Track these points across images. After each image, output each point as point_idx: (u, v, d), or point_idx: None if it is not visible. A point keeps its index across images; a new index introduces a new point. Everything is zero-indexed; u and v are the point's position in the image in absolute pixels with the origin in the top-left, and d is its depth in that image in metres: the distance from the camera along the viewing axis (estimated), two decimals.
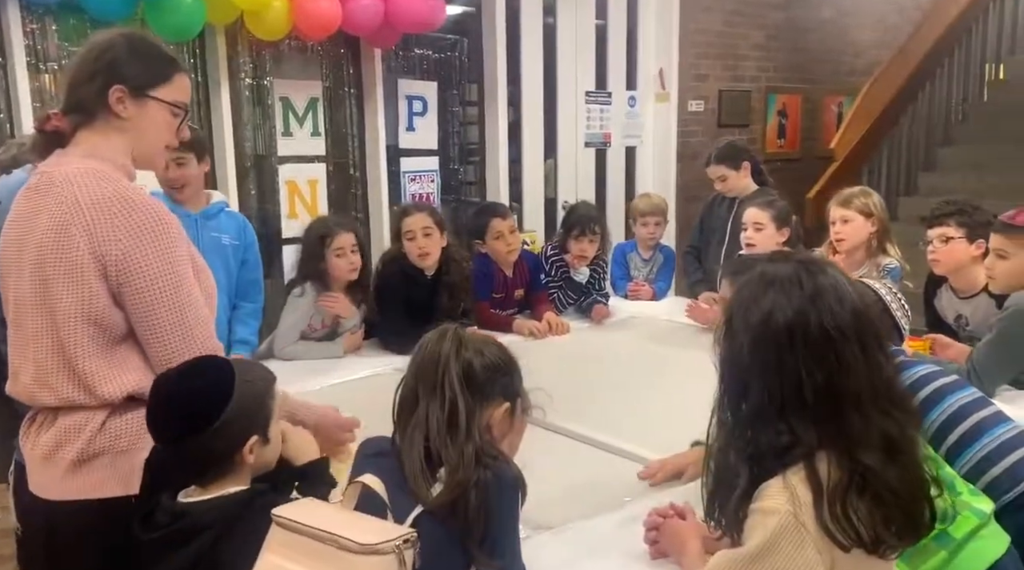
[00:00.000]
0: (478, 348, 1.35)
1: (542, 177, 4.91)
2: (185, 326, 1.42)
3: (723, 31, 5.49)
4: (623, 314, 3.32)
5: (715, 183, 3.52)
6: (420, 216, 2.77)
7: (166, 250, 1.41)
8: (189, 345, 1.41)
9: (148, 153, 1.54)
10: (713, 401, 1.23)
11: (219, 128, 3.69)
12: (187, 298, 1.43)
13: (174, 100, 1.54)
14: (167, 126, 1.54)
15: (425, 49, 4.35)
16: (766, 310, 1.16)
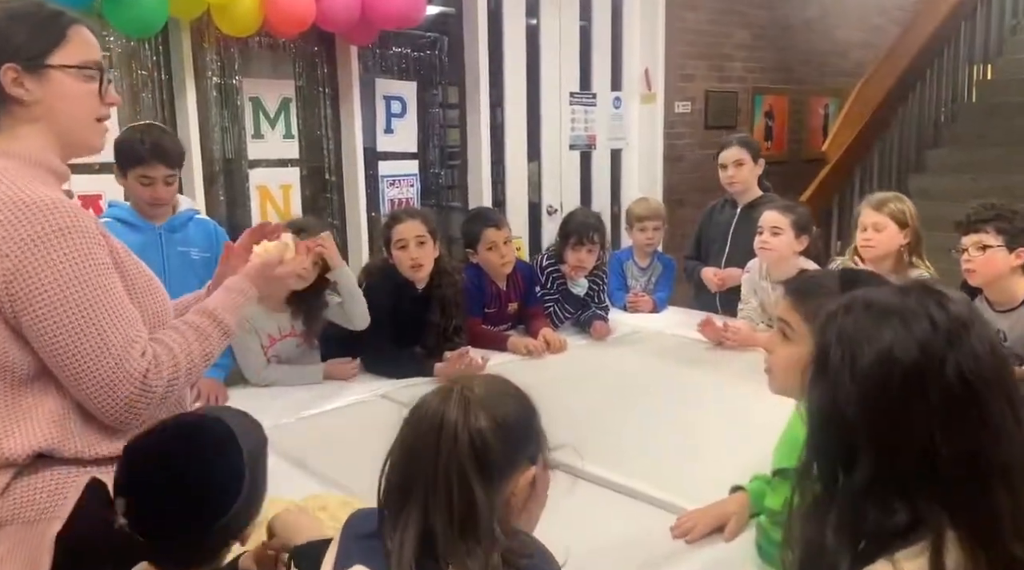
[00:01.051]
0: (491, 409, 1.04)
1: (526, 181, 4.71)
2: (109, 356, 1.18)
3: (709, 30, 5.34)
4: (624, 328, 3.11)
5: (726, 170, 3.25)
6: (413, 223, 2.52)
7: (73, 261, 1.17)
8: (119, 383, 1.18)
9: (77, 134, 1.30)
10: (798, 459, 0.98)
11: (184, 130, 3.44)
12: (107, 318, 1.18)
13: (81, 61, 1.28)
14: (86, 95, 1.29)
15: (403, 47, 4.13)
16: (884, 349, 0.90)
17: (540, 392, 2.19)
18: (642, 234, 3.44)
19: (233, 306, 1.41)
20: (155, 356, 1.24)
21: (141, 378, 1.21)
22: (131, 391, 1.20)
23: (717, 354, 2.74)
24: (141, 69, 3.38)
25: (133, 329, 1.23)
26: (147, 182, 2.29)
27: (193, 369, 1.31)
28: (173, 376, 1.26)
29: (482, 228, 2.83)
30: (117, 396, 1.19)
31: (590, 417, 2.11)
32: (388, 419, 1.98)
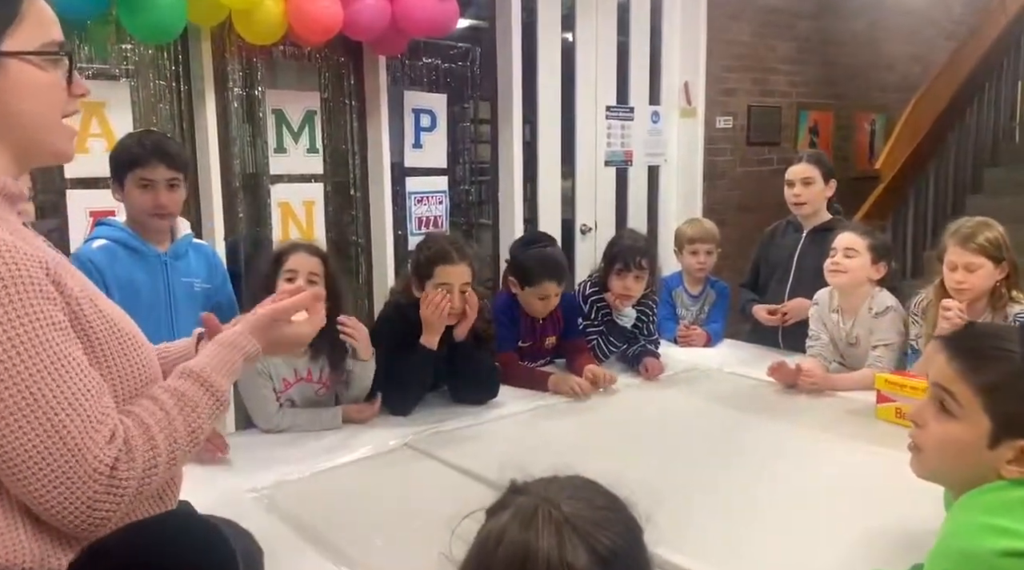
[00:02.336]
0: (590, 536, 0.80)
1: (559, 198, 4.50)
2: (63, 446, 0.90)
3: (752, 42, 5.11)
4: (677, 365, 2.78)
5: (792, 188, 2.95)
6: (464, 269, 2.21)
7: (10, 323, 0.89)
8: (78, 480, 0.91)
9: (39, 138, 1.03)
10: None
11: (203, 143, 3.27)
12: (59, 395, 0.91)
13: (41, 44, 1.01)
14: (49, 87, 1.02)
15: (434, 58, 3.94)
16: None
17: (587, 444, 1.96)
18: (693, 258, 3.15)
19: (227, 366, 1.12)
20: (127, 440, 0.97)
21: (108, 471, 0.93)
22: (94, 489, 0.92)
23: (788, 399, 2.43)
24: (159, 79, 3.22)
25: (96, 406, 0.94)
26: (146, 184, 2.05)
27: (176, 452, 1.03)
28: (150, 465, 0.98)
29: (543, 279, 2.48)
30: (75, 497, 0.91)
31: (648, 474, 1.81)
32: (413, 472, 1.78)
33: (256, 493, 1.63)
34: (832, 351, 2.63)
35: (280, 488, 1.66)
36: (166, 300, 2.09)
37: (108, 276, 2.01)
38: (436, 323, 2.17)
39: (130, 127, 3.04)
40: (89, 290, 1.03)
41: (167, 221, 2.14)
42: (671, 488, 1.73)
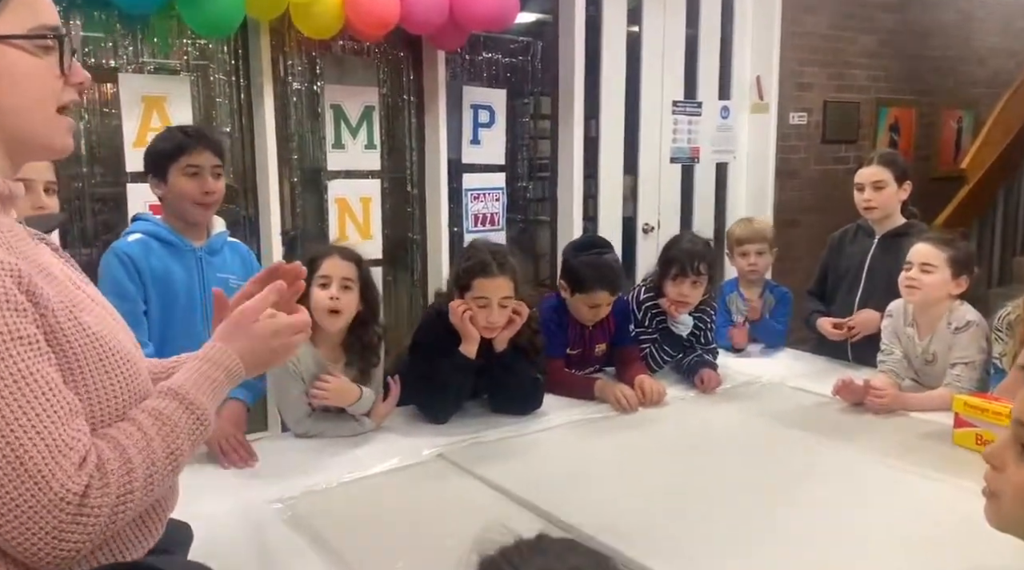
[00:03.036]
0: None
1: (620, 196, 4.37)
2: (25, 472, 0.83)
3: (829, 35, 4.87)
4: (737, 378, 2.60)
5: (862, 192, 2.74)
6: (503, 282, 2.09)
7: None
8: (42, 508, 0.83)
9: (29, 131, 0.94)
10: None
11: (262, 138, 3.27)
12: (22, 417, 0.83)
13: (31, 27, 0.93)
14: (40, 73, 0.94)
15: (494, 52, 3.86)
16: None
17: (630, 463, 1.83)
18: (743, 260, 2.97)
19: (209, 383, 1.02)
20: (100, 463, 0.89)
21: (77, 499, 0.85)
22: (60, 519, 0.85)
23: (856, 418, 2.24)
24: (219, 73, 3.23)
25: (64, 430, 0.86)
26: (194, 171, 2.03)
27: (154, 477, 0.94)
28: (125, 490, 0.90)
29: (596, 287, 2.35)
30: (39, 528, 0.84)
31: (694, 500, 1.71)
32: (444, 487, 1.69)
33: (280, 504, 1.58)
34: (906, 367, 2.44)
35: (304, 499, 1.61)
36: (201, 295, 2.08)
37: (143, 269, 2.01)
38: (470, 332, 2.09)
39: (190, 121, 3.07)
40: (71, 301, 0.95)
41: (210, 210, 2.11)
42: (719, 516, 1.62)
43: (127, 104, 2.94)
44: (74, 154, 2.95)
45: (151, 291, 2.01)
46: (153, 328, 2.01)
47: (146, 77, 3.04)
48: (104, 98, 3.02)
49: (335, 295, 1.96)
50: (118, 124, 2.95)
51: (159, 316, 2.03)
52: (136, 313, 1.98)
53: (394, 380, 2.12)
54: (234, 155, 3.33)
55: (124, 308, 1.95)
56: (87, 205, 3.04)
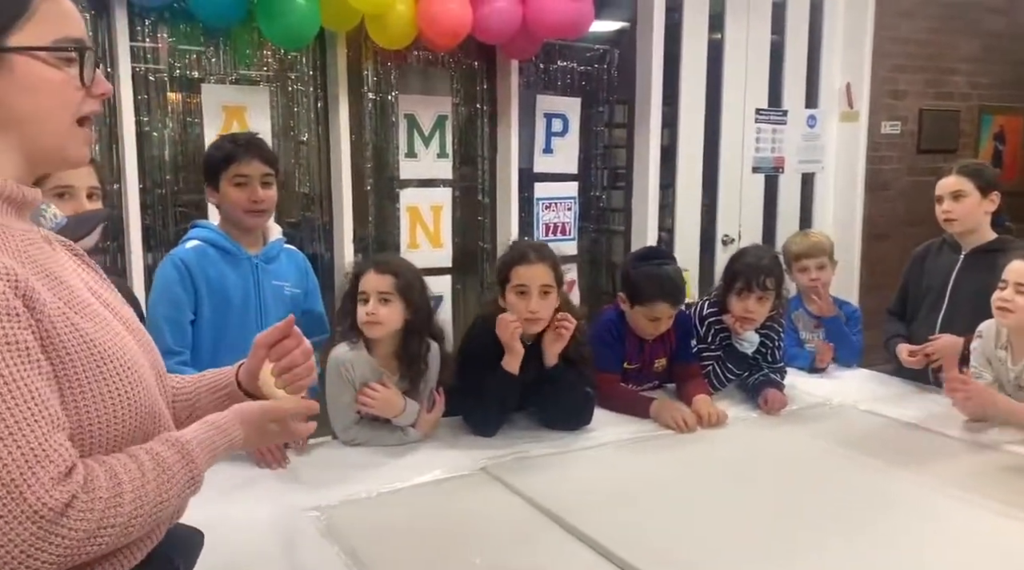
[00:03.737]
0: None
1: (698, 207, 4.26)
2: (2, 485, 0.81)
3: (927, 40, 4.63)
4: (806, 399, 2.47)
5: (941, 203, 2.58)
6: (542, 269, 2.07)
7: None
8: (13, 520, 0.81)
9: (48, 142, 0.96)
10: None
11: (336, 147, 3.34)
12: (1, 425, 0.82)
13: (54, 39, 0.94)
14: (61, 85, 0.95)
15: (569, 61, 3.83)
16: None
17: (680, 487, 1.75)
18: (803, 275, 2.83)
19: (211, 448, 1.04)
20: (89, 483, 0.87)
21: (52, 515, 0.83)
22: (31, 531, 0.82)
23: (935, 445, 2.08)
24: (297, 83, 3.32)
25: (44, 440, 0.84)
26: (243, 181, 2.07)
27: (137, 518, 0.91)
28: (107, 518, 0.87)
29: (656, 300, 2.28)
30: (8, 540, 0.81)
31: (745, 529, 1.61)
32: (483, 503, 1.67)
33: (317, 512, 1.58)
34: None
35: (341, 509, 1.61)
36: (256, 302, 2.11)
37: (197, 276, 2.05)
38: (515, 347, 2.05)
39: (268, 130, 3.16)
40: (74, 305, 0.94)
41: (262, 218, 2.15)
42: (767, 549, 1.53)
43: (209, 114, 3.05)
44: (158, 161, 3.11)
45: (204, 298, 2.06)
46: (206, 334, 2.06)
47: (227, 87, 3.15)
48: (188, 108, 3.13)
49: (371, 310, 1.99)
50: (200, 133, 3.06)
51: (212, 322, 2.07)
52: (182, 322, 2.04)
53: (439, 392, 2.11)
54: (310, 163, 3.41)
55: (171, 315, 2.03)
56: (170, 211, 3.16)
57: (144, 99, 3.02)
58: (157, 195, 3.12)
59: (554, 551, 1.49)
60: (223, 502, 1.06)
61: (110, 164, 2.94)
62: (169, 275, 2.04)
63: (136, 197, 2.96)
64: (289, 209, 3.39)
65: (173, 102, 3.12)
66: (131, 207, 2.96)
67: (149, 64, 3.03)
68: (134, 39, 2.94)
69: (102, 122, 2.93)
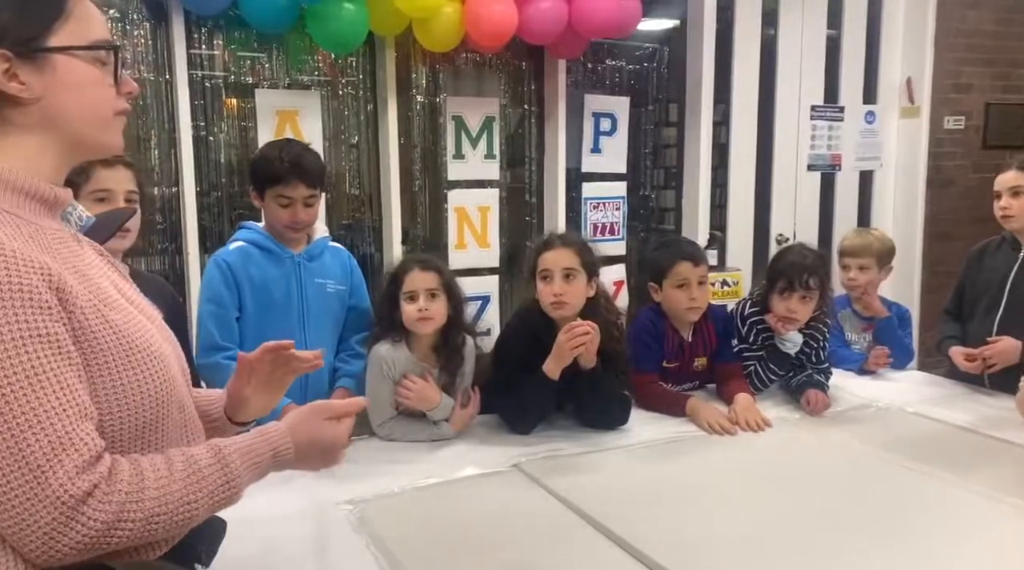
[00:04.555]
0: None
1: (751, 205, 4.20)
2: (25, 467, 0.86)
3: (995, 31, 4.46)
4: (849, 400, 2.40)
5: (999, 199, 2.52)
6: (565, 253, 2.10)
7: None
8: (35, 505, 0.86)
9: (90, 136, 1.02)
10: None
11: (385, 149, 3.40)
12: (28, 414, 0.86)
13: (90, 40, 1.00)
14: (96, 84, 1.01)
15: (618, 59, 3.82)
16: None
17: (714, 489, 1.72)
18: (844, 273, 2.77)
19: (254, 457, 1.04)
20: (113, 474, 0.91)
21: (73, 502, 0.87)
22: (53, 516, 0.86)
23: (984, 447, 2.00)
24: (347, 87, 3.39)
25: (72, 429, 0.89)
26: (286, 203, 2.11)
27: (159, 516, 0.93)
28: (125, 513, 0.90)
29: (675, 261, 2.32)
30: (33, 521, 0.86)
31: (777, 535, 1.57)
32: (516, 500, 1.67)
33: (351, 506, 1.62)
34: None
35: (375, 503, 1.64)
36: (299, 300, 2.17)
37: (240, 276, 2.12)
38: (563, 355, 2.02)
39: (319, 134, 3.24)
40: (102, 299, 0.99)
41: (302, 233, 2.21)
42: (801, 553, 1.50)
43: (263, 118, 3.13)
44: (215, 165, 3.21)
45: (248, 296, 2.12)
46: (250, 331, 2.12)
47: (280, 92, 3.23)
48: (242, 112, 3.23)
49: (423, 306, 2.03)
50: (254, 137, 3.15)
51: (256, 319, 2.14)
52: (227, 319, 2.11)
53: (474, 390, 2.13)
54: (360, 166, 3.48)
55: (217, 313, 2.11)
56: (226, 214, 3.26)
57: (200, 104, 3.12)
58: (214, 198, 3.22)
59: (584, 549, 1.49)
60: (257, 494, 1.08)
61: (169, 168, 3.06)
62: (213, 275, 2.12)
63: (193, 200, 3.07)
64: (340, 210, 3.47)
65: (228, 107, 3.22)
66: (188, 210, 3.06)
67: (205, 70, 3.13)
68: (191, 46, 3.05)
69: (161, 127, 3.05)
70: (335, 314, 2.25)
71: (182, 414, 1.07)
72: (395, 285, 2.07)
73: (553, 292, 2.07)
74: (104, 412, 0.96)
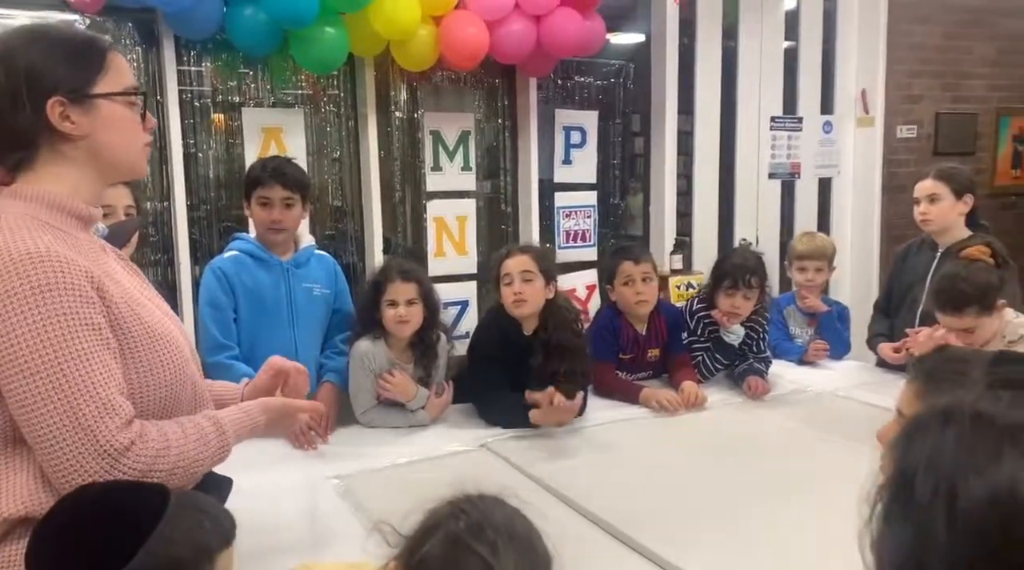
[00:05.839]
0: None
1: (715, 212, 4.42)
2: (79, 426, 1.08)
3: (943, 45, 4.73)
4: (786, 386, 2.66)
5: (918, 205, 2.80)
6: (522, 258, 2.38)
7: (49, 321, 1.07)
8: (87, 456, 1.08)
9: (125, 163, 1.27)
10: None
11: (366, 162, 3.59)
12: (80, 385, 1.08)
13: (124, 87, 1.25)
14: (131, 122, 1.26)
15: (586, 76, 4.04)
16: (1000, 490, 0.65)
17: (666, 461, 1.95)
18: (801, 275, 3.02)
19: (241, 427, 1.32)
20: (144, 434, 1.14)
21: (116, 453, 1.10)
22: (100, 465, 1.09)
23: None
24: (329, 105, 3.58)
25: (114, 398, 1.11)
26: (265, 202, 2.34)
27: (177, 469, 1.17)
28: (155, 464, 1.14)
29: (620, 261, 2.62)
30: (83, 469, 1.08)
31: (719, 499, 1.79)
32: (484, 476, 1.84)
33: (337, 479, 1.85)
34: None
35: (359, 477, 1.86)
36: (287, 303, 2.38)
37: (235, 282, 2.34)
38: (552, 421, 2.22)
39: (303, 149, 3.43)
40: (129, 298, 1.22)
41: (281, 235, 2.41)
42: (736, 514, 1.71)
43: (249, 135, 3.32)
44: (204, 180, 3.39)
45: (241, 300, 2.34)
46: (244, 332, 2.34)
47: (266, 110, 3.42)
48: (230, 129, 3.41)
49: (402, 313, 2.27)
50: (241, 153, 3.33)
51: (249, 322, 2.36)
52: (226, 320, 2.33)
53: (448, 383, 2.36)
54: (342, 179, 3.67)
55: (216, 315, 2.33)
56: (215, 226, 3.44)
57: (190, 122, 3.30)
58: (203, 211, 3.40)
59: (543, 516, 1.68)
60: (257, 471, 1.32)
61: (160, 183, 3.24)
62: (210, 281, 2.35)
63: (184, 213, 3.24)
64: (324, 221, 3.66)
65: (217, 124, 3.41)
66: (179, 223, 3.24)
67: (194, 90, 3.31)
68: (181, 67, 3.23)
69: (153, 144, 3.21)
70: (321, 316, 2.46)
71: (194, 388, 1.30)
72: (377, 291, 2.28)
73: (514, 292, 2.32)
74: (134, 387, 1.18)
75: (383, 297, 2.27)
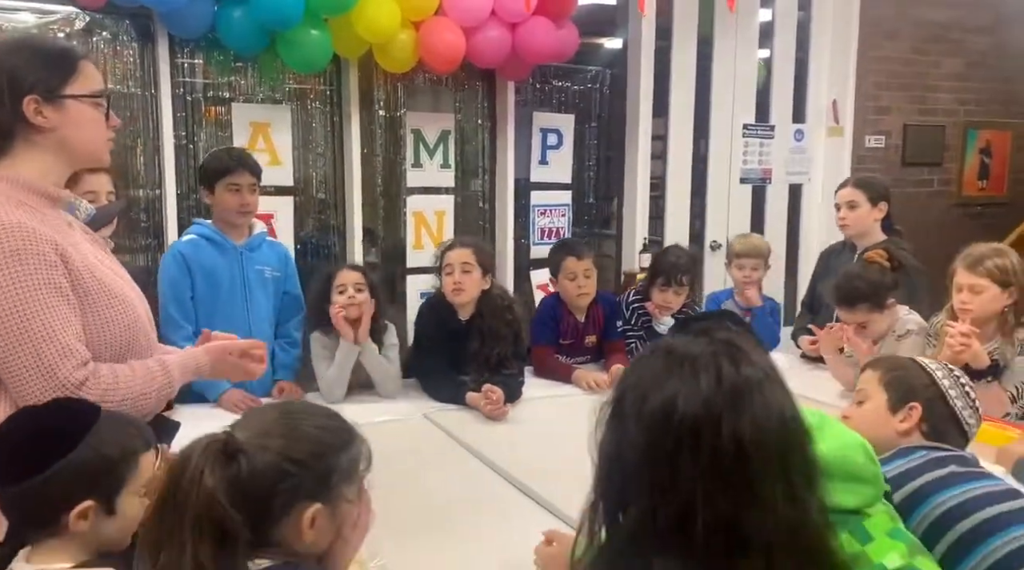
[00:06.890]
0: (260, 444, 1.00)
1: (687, 214, 4.61)
2: (42, 366, 1.32)
3: (911, 59, 4.91)
4: None
5: (839, 212, 3.06)
6: (463, 251, 2.60)
7: (19, 281, 1.31)
8: (50, 390, 1.31)
9: (89, 153, 1.48)
10: (585, 501, 0.95)
11: (349, 158, 3.77)
12: (43, 334, 1.31)
13: (92, 90, 1.46)
14: (96, 120, 1.47)
15: (563, 81, 4.23)
16: (668, 398, 0.88)
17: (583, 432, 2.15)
18: (739, 273, 3.22)
19: (185, 368, 1.54)
20: (96, 372, 1.36)
21: (71, 387, 1.32)
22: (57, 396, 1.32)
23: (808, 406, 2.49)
24: (315, 103, 3.77)
25: (71, 343, 1.34)
26: (235, 188, 2.57)
27: (126, 400, 1.40)
28: (106, 396, 1.35)
29: (564, 257, 2.84)
30: (44, 399, 1.30)
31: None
32: (422, 440, 2.09)
33: None
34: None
35: None
36: (241, 284, 2.62)
37: (192, 264, 2.58)
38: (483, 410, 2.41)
39: (290, 144, 3.63)
40: (91, 264, 1.44)
41: (247, 218, 2.66)
42: None
43: (238, 129, 3.51)
44: (193, 170, 3.57)
45: (199, 281, 2.58)
46: (201, 310, 2.58)
47: (254, 106, 3.61)
48: (220, 124, 3.60)
49: (352, 294, 2.51)
50: (230, 145, 3.51)
51: (206, 300, 2.60)
52: (183, 299, 2.56)
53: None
54: (325, 173, 3.86)
55: (174, 293, 2.56)
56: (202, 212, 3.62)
57: (182, 116, 3.49)
58: (193, 200, 3.58)
59: (473, 480, 1.89)
60: None
61: (152, 172, 3.43)
62: (169, 263, 2.60)
63: (174, 201, 3.44)
64: (307, 213, 3.85)
65: (207, 119, 3.59)
66: (170, 210, 3.43)
67: (187, 81, 3.50)
68: (174, 64, 3.42)
69: (147, 136, 3.42)
70: (272, 296, 2.72)
71: (147, 340, 1.53)
72: (328, 283, 2.54)
73: (453, 281, 2.53)
74: (92, 337, 1.40)
75: (334, 285, 2.51)
